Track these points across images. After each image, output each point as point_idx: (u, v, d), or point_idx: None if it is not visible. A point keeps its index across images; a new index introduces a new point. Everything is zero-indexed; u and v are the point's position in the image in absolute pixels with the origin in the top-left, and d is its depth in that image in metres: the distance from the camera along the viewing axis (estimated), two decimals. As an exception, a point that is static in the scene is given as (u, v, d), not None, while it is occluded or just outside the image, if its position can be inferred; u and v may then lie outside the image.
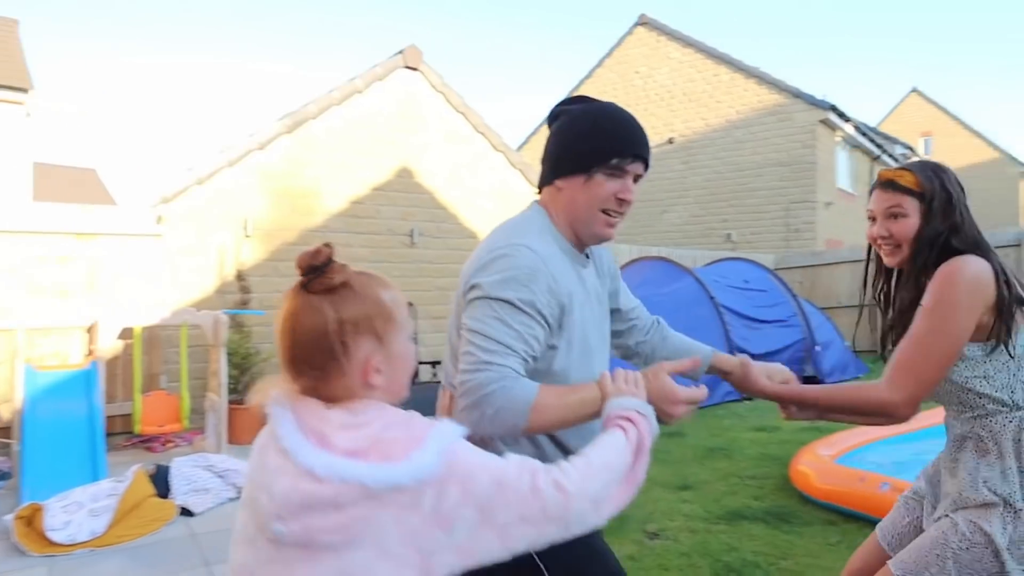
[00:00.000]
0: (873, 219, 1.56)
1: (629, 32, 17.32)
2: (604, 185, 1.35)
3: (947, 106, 35.41)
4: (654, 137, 16.73)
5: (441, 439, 0.90)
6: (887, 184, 1.53)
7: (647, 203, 16.79)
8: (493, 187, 8.10)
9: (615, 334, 1.61)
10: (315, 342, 0.93)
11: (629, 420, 1.10)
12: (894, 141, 22.43)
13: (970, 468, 1.44)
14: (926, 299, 1.42)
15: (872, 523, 3.28)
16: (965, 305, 1.37)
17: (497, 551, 0.91)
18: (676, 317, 7.18)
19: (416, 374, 6.51)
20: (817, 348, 8.13)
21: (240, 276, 6.12)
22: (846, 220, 15.73)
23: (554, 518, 0.92)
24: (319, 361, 0.93)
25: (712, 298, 7.59)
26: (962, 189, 1.53)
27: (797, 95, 14.60)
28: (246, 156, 6.31)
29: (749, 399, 7.06)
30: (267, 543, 0.89)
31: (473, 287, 1.28)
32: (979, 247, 1.45)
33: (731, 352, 7.20)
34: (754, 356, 1.67)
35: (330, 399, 0.94)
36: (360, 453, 0.87)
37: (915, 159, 1.63)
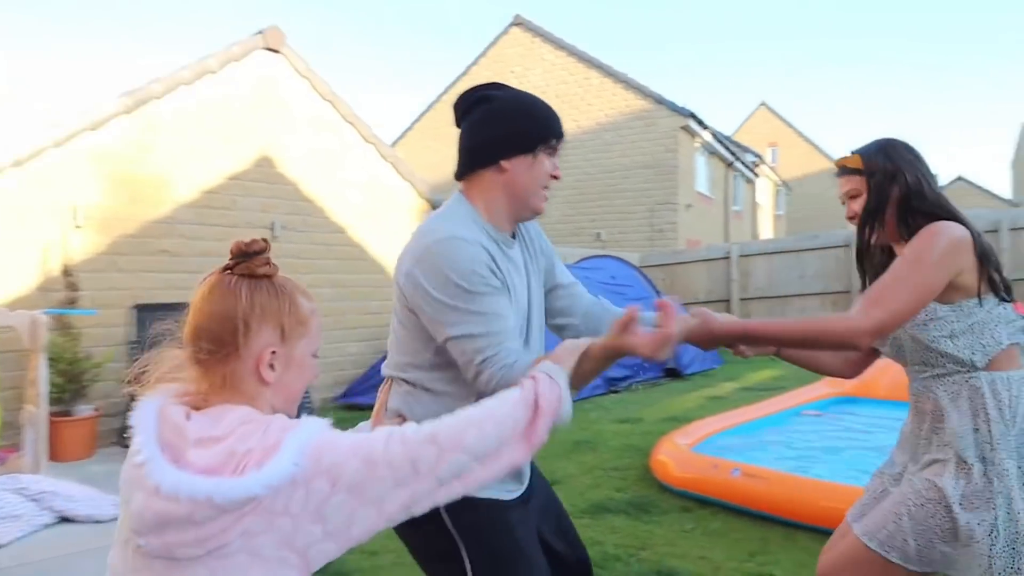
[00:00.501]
0: (844, 203, 1.68)
1: (504, 32, 17.46)
2: (544, 163, 1.44)
3: (791, 119, 38.94)
4: (528, 137, 16.98)
5: (299, 439, 0.88)
6: (840, 170, 1.66)
7: (521, 201, 17.00)
8: (363, 179, 7.81)
9: (556, 310, 1.62)
10: (221, 318, 0.94)
11: (531, 378, 1.08)
12: (745, 150, 24.23)
13: (927, 429, 1.53)
14: (906, 249, 1.50)
15: (725, 508, 3.47)
16: (939, 261, 1.44)
17: (375, 522, 0.92)
18: None
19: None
20: (678, 342, 8.54)
21: (67, 271, 5.43)
22: (704, 221, 16.79)
23: (426, 473, 0.93)
24: (220, 337, 0.94)
25: (581, 294, 7.76)
26: (916, 157, 1.59)
27: (660, 101, 15.37)
28: (76, 136, 5.62)
29: (616, 391, 7.32)
30: (135, 551, 0.88)
31: (421, 291, 1.30)
32: (944, 209, 1.54)
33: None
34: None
35: (209, 391, 0.94)
36: (213, 470, 0.85)
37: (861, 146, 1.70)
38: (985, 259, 1.50)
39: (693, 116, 15.23)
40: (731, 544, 3.01)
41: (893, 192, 1.55)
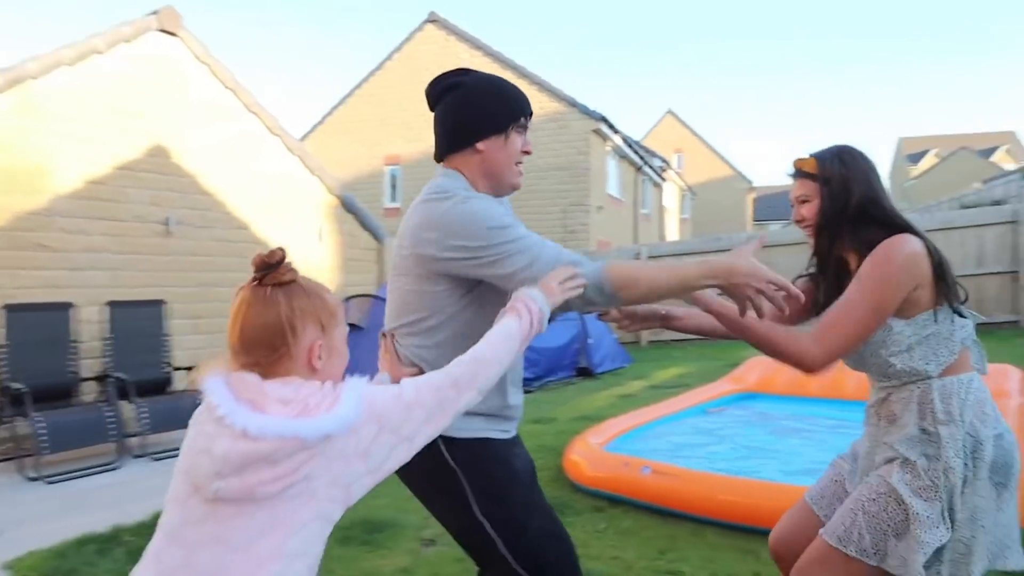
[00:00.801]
0: (793, 206, 1.68)
1: (419, 29, 17.22)
2: (516, 141, 1.56)
3: (695, 127, 40.66)
4: (443, 135, 16.84)
5: (354, 391, 1.08)
6: (795, 173, 1.67)
7: (436, 200, 16.83)
8: (268, 173, 7.45)
9: None
10: (269, 326, 1.07)
11: (528, 310, 1.29)
12: (653, 155, 25.04)
13: (882, 433, 1.62)
14: (862, 270, 1.52)
15: (636, 507, 3.50)
16: (895, 282, 1.48)
17: (406, 455, 1.12)
18: None
19: (168, 382, 5.71)
20: (590, 341, 8.68)
21: (-76, 267, 4.86)
22: (614, 223, 17.20)
23: (449, 410, 1.16)
24: (272, 343, 1.07)
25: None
26: (871, 166, 1.62)
27: (573, 104, 15.60)
28: (-66, 117, 5.04)
29: (529, 391, 7.32)
30: (201, 503, 0.99)
31: (477, 248, 1.39)
32: (898, 220, 1.57)
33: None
34: (539, 350, 1.67)
35: (272, 377, 1.06)
36: (292, 411, 1.02)
37: (816, 150, 1.69)
38: (940, 271, 1.54)
39: (604, 120, 15.56)
40: (642, 543, 3.04)
41: (848, 201, 1.57)
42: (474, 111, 1.54)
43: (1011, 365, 5.58)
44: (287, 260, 1.13)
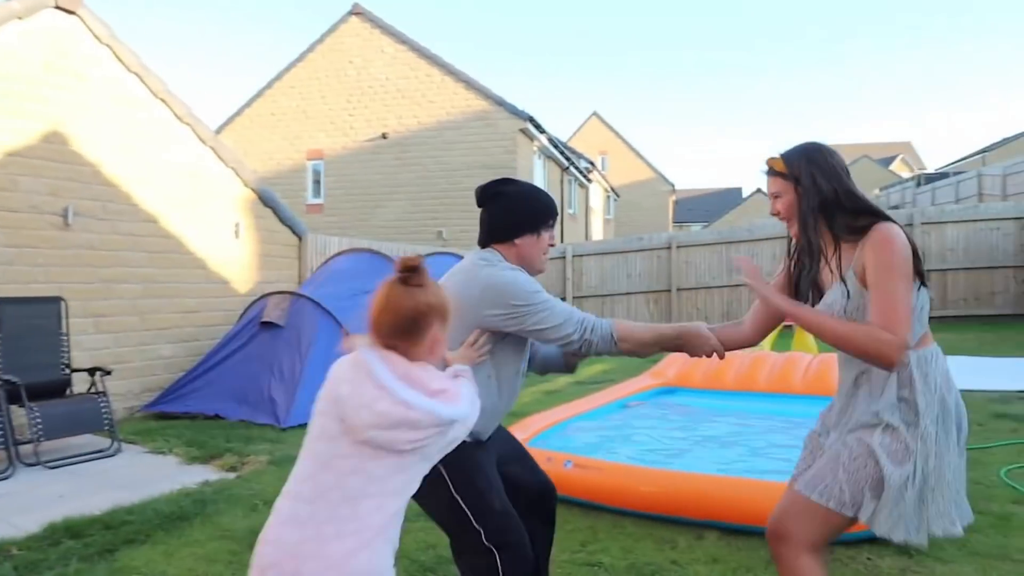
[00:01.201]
0: (770, 201, 1.85)
1: (343, 20, 16.82)
2: (544, 238, 2.06)
3: (620, 130, 41.56)
4: (368, 131, 16.52)
5: (470, 392, 1.46)
6: (767, 171, 1.83)
7: (361, 197, 16.49)
8: (179, 164, 7.07)
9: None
10: (411, 318, 1.36)
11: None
12: (579, 156, 25.43)
13: (861, 401, 1.75)
14: (877, 263, 1.64)
15: (560, 501, 3.52)
16: (907, 263, 1.64)
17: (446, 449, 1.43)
18: None
19: (67, 384, 5.33)
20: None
21: None
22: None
23: (465, 425, 1.42)
24: (410, 331, 1.36)
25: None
26: (837, 161, 1.77)
27: (500, 103, 15.63)
28: None
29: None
30: (351, 442, 1.30)
31: (514, 307, 1.89)
32: (872, 206, 1.72)
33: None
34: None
35: (412, 358, 1.37)
36: (436, 396, 1.34)
37: (786, 149, 1.85)
38: (915, 251, 1.69)
39: (531, 120, 15.66)
40: (564, 536, 3.05)
41: (819, 194, 1.72)
42: (515, 215, 2.03)
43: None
44: (424, 266, 1.39)
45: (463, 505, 1.85)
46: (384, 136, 16.29)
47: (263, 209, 8.24)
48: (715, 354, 1.96)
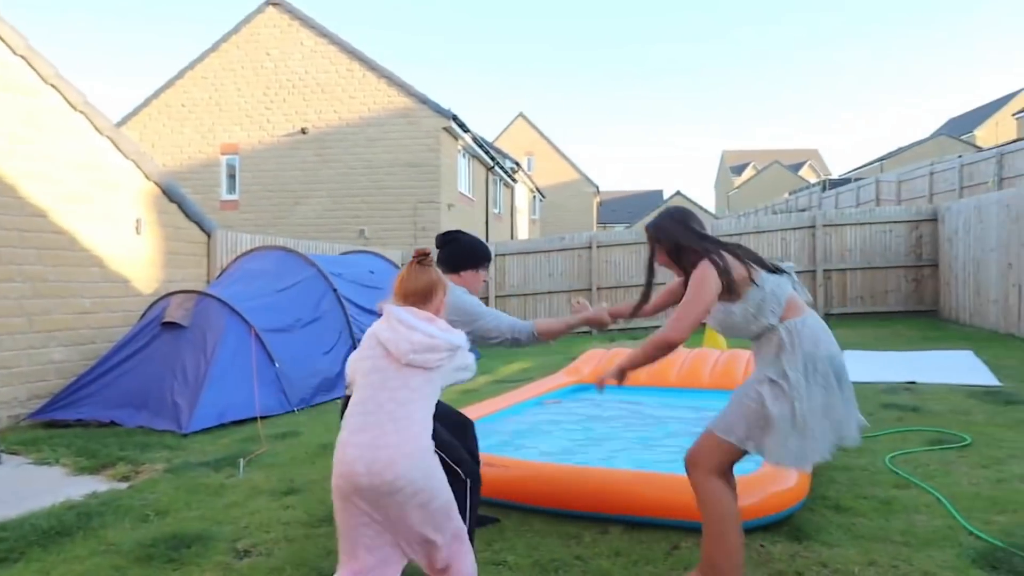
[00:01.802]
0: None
1: (259, 10, 16.22)
2: (481, 273, 3.01)
3: (546, 132, 41.98)
4: (286, 126, 16.00)
5: (458, 333, 2.10)
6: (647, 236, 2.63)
7: (279, 193, 15.96)
8: (72, 156, 6.62)
9: None
10: (427, 287, 2.11)
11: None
12: (505, 156, 25.53)
13: (757, 364, 2.43)
14: (690, 284, 2.39)
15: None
16: (707, 290, 2.33)
17: (452, 380, 2.12)
18: (303, 307, 6.73)
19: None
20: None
21: None
22: (465, 221, 17.27)
23: (466, 370, 2.14)
24: (426, 295, 2.11)
25: (335, 290, 7.45)
26: (682, 218, 2.52)
27: (424, 101, 15.47)
28: None
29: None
30: (397, 367, 1.98)
31: (468, 314, 2.84)
32: (706, 246, 2.41)
33: (354, 343, 7.17)
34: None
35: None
36: (445, 331, 2.04)
37: (655, 213, 2.73)
38: (742, 257, 2.38)
39: (455, 119, 15.58)
40: (470, 535, 3.03)
41: (675, 245, 2.47)
42: (466, 256, 2.97)
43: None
44: (431, 254, 2.19)
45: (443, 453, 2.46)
46: (303, 131, 15.83)
47: (168, 204, 7.84)
48: (619, 318, 2.95)
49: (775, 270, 2.41)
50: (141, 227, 7.42)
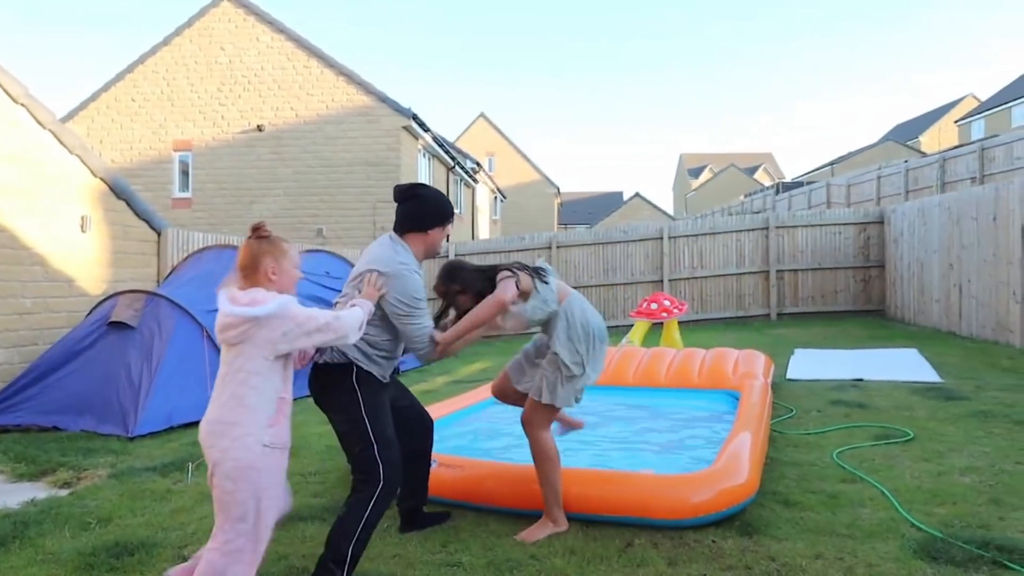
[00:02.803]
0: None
1: (213, 4, 15.84)
2: (445, 229, 2.88)
3: (507, 132, 42.03)
4: (242, 122, 15.66)
5: (278, 300, 2.20)
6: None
7: (234, 191, 15.61)
8: (11, 150, 6.35)
9: None
10: (249, 260, 2.28)
11: (364, 310, 2.52)
12: (466, 156, 25.47)
13: (551, 345, 3.00)
14: (483, 302, 2.83)
15: (427, 502, 3.47)
16: (513, 286, 2.84)
17: (306, 343, 2.28)
18: None
19: None
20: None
21: None
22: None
23: (316, 337, 2.28)
24: (252, 268, 2.27)
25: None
26: (468, 268, 3.02)
27: (383, 99, 15.33)
28: None
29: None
30: (225, 347, 2.23)
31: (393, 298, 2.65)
32: (483, 280, 2.94)
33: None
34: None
35: (246, 284, 2.27)
36: (247, 304, 2.17)
37: (444, 273, 3.06)
38: (525, 269, 2.95)
39: (415, 118, 15.48)
40: (425, 537, 3.00)
41: (475, 291, 2.92)
42: (431, 212, 2.81)
43: (760, 351, 6.42)
44: (265, 228, 2.32)
45: (367, 422, 2.58)
46: (259, 128, 15.52)
47: (115, 201, 7.58)
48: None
49: (538, 270, 2.98)
50: (87, 224, 7.16)
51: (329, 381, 2.60)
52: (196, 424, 5.35)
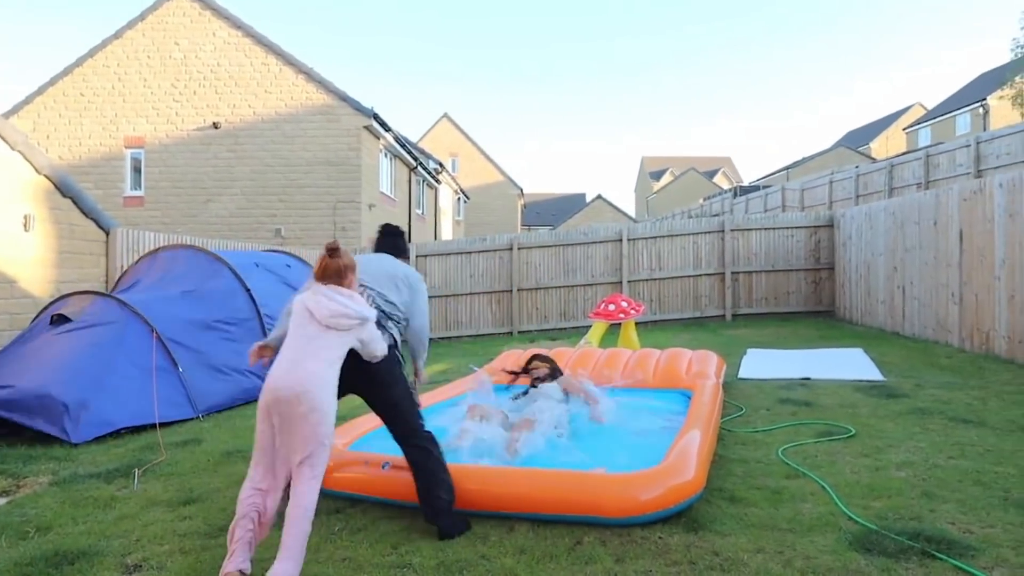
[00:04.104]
0: None
1: (167, -4, 15.44)
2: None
3: (471, 133, 41.97)
4: (197, 119, 15.32)
5: (372, 311, 2.97)
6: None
7: (189, 190, 15.26)
8: (-52, 146, 6.10)
9: None
10: (339, 269, 2.91)
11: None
12: (429, 156, 25.36)
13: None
14: None
15: (377, 504, 3.47)
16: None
17: (367, 349, 2.96)
18: (212, 309, 6.41)
19: None
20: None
21: None
22: (387, 221, 17.03)
23: (374, 343, 2.99)
24: (339, 277, 2.91)
25: (248, 290, 7.19)
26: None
27: (344, 99, 15.17)
28: None
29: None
30: (318, 327, 2.79)
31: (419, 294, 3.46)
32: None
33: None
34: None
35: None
36: (359, 303, 2.90)
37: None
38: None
39: (376, 117, 15.36)
40: (375, 540, 3.00)
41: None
42: (407, 249, 3.70)
43: (713, 351, 6.57)
44: (340, 247, 2.92)
45: (414, 390, 3.33)
46: (215, 126, 15.20)
47: (61, 200, 7.35)
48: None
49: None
50: (30, 223, 6.93)
51: (385, 358, 3.13)
52: (144, 429, 5.30)
